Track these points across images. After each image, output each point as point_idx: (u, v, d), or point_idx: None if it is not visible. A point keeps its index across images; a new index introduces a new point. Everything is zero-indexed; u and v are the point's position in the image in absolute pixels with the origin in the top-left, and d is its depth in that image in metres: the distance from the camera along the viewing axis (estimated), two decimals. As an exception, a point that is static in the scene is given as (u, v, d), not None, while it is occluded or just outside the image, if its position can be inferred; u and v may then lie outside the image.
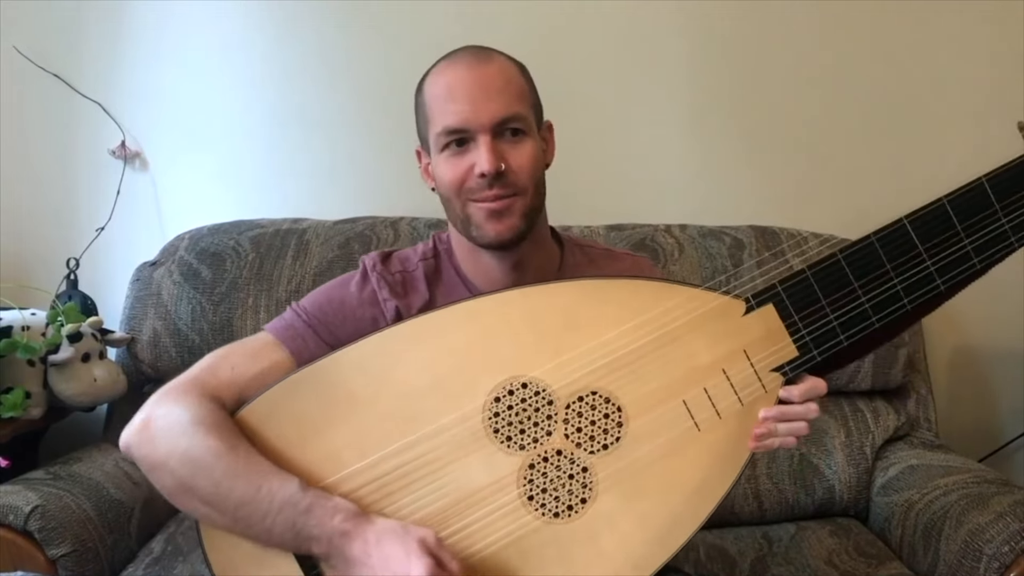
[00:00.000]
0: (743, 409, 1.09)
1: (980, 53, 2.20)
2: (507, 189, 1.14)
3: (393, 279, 1.23)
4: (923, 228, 1.09)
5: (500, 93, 1.14)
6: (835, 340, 1.09)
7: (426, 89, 1.19)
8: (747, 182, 2.22)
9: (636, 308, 1.09)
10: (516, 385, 1.08)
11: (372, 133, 2.19)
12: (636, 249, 1.95)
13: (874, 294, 1.09)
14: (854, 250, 1.09)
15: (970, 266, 1.09)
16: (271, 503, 1.01)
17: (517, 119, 1.15)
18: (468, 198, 1.15)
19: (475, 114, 1.13)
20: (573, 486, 1.07)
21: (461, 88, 1.14)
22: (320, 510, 1.01)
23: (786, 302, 1.09)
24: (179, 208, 2.18)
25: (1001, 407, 2.24)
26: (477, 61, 1.16)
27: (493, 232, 1.15)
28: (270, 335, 1.19)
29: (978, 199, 1.09)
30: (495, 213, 1.14)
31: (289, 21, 2.16)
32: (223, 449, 1.03)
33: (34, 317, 1.83)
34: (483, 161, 1.12)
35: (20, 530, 1.47)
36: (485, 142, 1.12)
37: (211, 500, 1.03)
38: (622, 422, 1.08)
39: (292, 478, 1.03)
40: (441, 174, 1.17)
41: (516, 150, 1.15)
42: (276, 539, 1.03)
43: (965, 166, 2.23)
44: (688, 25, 2.19)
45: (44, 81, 2.13)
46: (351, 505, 1.02)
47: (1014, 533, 1.45)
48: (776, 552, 1.70)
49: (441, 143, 1.15)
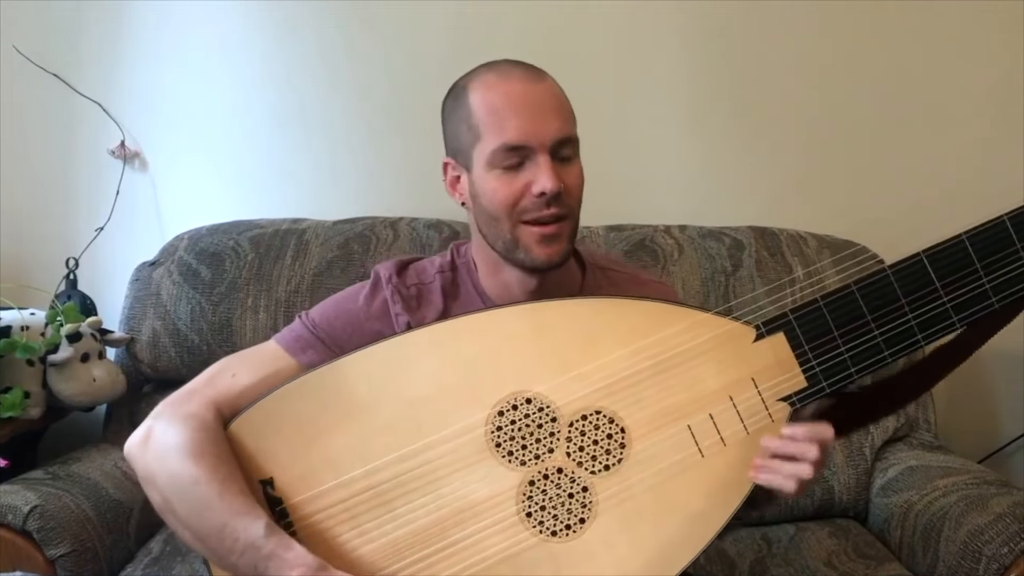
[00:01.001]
0: (748, 437, 1.07)
1: (981, 52, 2.19)
2: (562, 209, 1.11)
3: (408, 292, 1.21)
4: (941, 263, 1.06)
5: (557, 112, 1.12)
6: (845, 372, 1.07)
7: (474, 101, 1.13)
8: (747, 183, 2.22)
9: (645, 329, 1.08)
10: (520, 400, 1.07)
11: (372, 133, 2.19)
12: (635, 250, 1.95)
13: (887, 328, 1.07)
14: (869, 282, 1.07)
15: (987, 304, 1.06)
16: (235, 542, 1.00)
17: (572, 141, 1.13)
18: (521, 219, 1.12)
19: (536, 131, 1.09)
20: (572, 505, 1.06)
21: (521, 103, 1.10)
22: (279, 561, 0.99)
23: (797, 331, 1.07)
24: (178, 208, 2.18)
25: (1000, 408, 2.24)
26: (532, 78, 1.13)
27: (544, 256, 1.12)
28: (277, 345, 1.19)
29: (999, 237, 1.06)
30: (547, 237, 1.12)
31: (289, 22, 2.16)
32: (202, 478, 1.03)
33: (33, 317, 1.83)
34: (545, 180, 1.09)
35: (19, 530, 1.47)
36: (546, 161, 1.09)
37: (187, 525, 1.04)
38: (625, 443, 1.07)
39: (259, 519, 1.01)
40: (489, 191, 1.12)
41: (568, 171, 1.13)
42: (240, 574, 1.02)
43: (965, 166, 2.26)
44: (688, 25, 2.18)
45: (44, 81, 2.12)
46: (311, 558, 0.99)
47: (1013, 534, 1.45)
48: (775, 553, 1.70)
49: (497, 160, 1.10)
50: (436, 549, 1.05)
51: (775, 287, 1.87)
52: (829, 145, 2.22)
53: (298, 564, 0.98)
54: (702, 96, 2.21)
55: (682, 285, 1.91)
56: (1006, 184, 2.14)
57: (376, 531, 1.05)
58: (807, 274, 1.91)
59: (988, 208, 1.12)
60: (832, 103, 2.21)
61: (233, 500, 1.02)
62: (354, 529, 1.06)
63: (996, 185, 2.16)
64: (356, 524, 1.06)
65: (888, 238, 2.03)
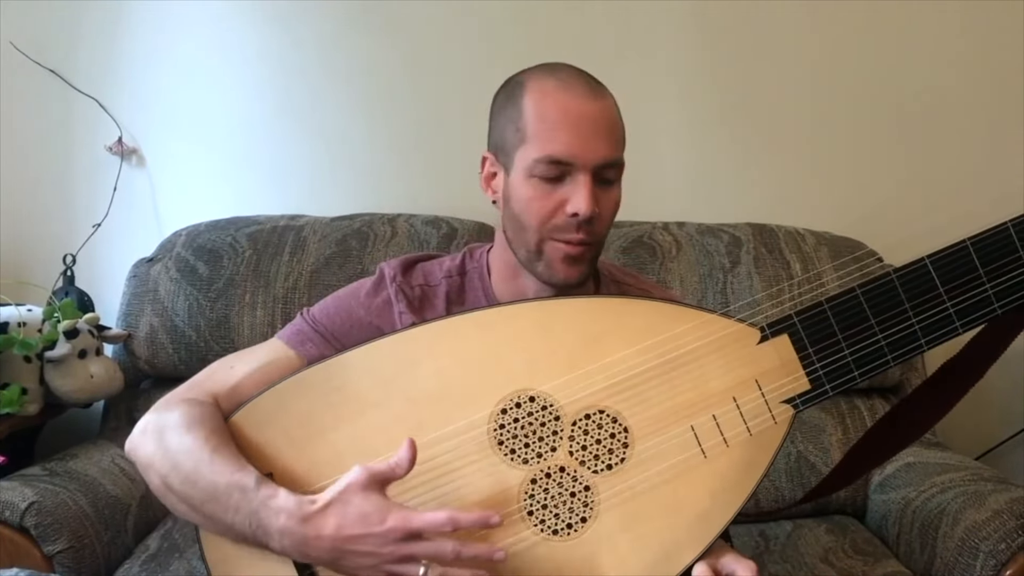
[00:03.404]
0: (751, 439, 1.07)
1: (980, 50, 2.20)
2: (592, 236, 1.10)
3: (412, 292, 1.20)
4: (944, 268, 1.06)
5: (609, 134, 1.10)
6: (849, 376, 1.07)
7: (527, 104, 1.10)
8: (745, 179, 2.22)
9: (650, 329, 1.08)
10: (524, 398, 1.07)
11: (370, 129, 2.19)
12: (633, 246, 1.96)
13: (891, 332, 1.07)
14: (873, 286, 1.07)
15: (990, 311, 1.07)
16: (229, 500, 0.99)
17: (617, 165, 1.11)
18: (550, 236, 1.11)
19: (583, 150, 1.07)
20: (574, 504, 1.06)
21: (576, 119, 1.08)
22: (267, 510, 0.98)
23: (801, 334, 1.07)
24: (176, 204, 2.18)
25: (998, 405, 2.24)
26: (591, 95, 1.10)
27: (563, 275, 1.12)
28: (278, 339, 1.19)
29: (1003, 243, 1.06)
30: (572, 257, 1.11)
31: (287, 19, 2.16)
32: (194, 445, 1.02)
33: (30, 313, 1.83)
34: (581, 203, 1.07)
35: (16, 526, 1.47)
36: (586, 183, 1.08)
37: (184, 497, 1.03)
38: (628, 443, 1.07)
39: (249, 474, 1.00)
40: (524, 199, 1.10)
41: (606, 196, 1.11)
42: (240, 537, 1.01)
43: (963, 162, 2.26)
44: (685, 22, 2.18)
45: (41, 77, 2.12)
46: (293, 503, 0.98)
47: (1011, 531, 1.45)
48: (773, 550, 1.70)
49: (538, 170, 1.09)
50: None
51: (775, 291, 1.87)
52: (827, 142, 2.22)
53: (282, 510, 0.97)
54: (700, 92, 2.21)
55: (680, 282, 1.91)
56: (1005, 180, 2.15)
57: (377, 526, 1.05)
58: (804, 271, 1.91)
59: (987, 204, 1.13)
60: (830, 99, 2.21)
61: (224, 461, 1.01)
62: (355, 524, 1.05)
63: (994, 180, 2.17)
64: (357, 519, 1.05)
65: (886, 235, 2.04)
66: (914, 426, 1.25)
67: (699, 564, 1.04)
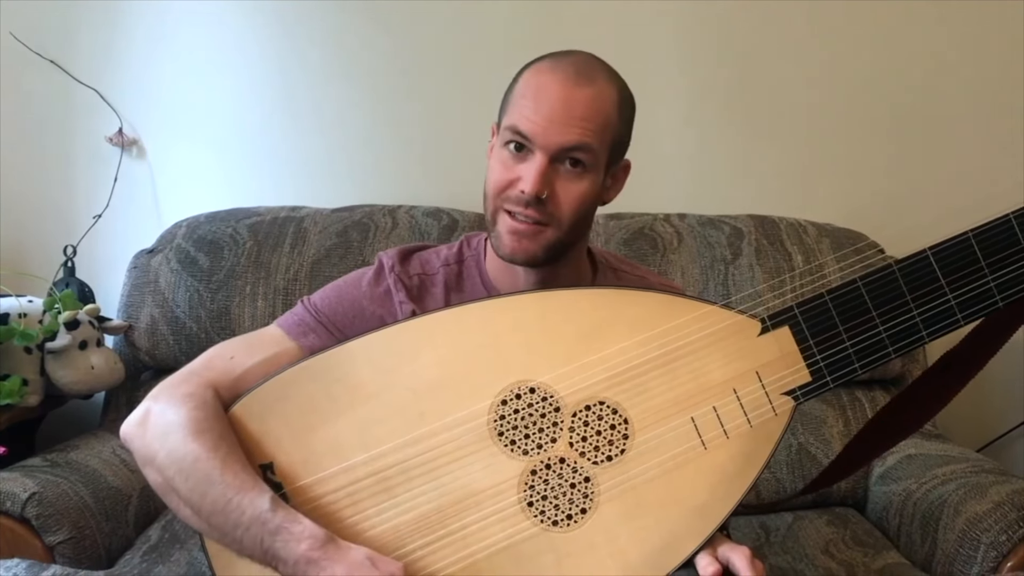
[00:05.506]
0: (751, 431, 1.07)
1: (981, 46, 2.19)
2: (542, 216, 1.10)
3: (411, 281, 1.20)
4: (946, 260, 1.06)
5: (581, 120, 1.09)
6: (849, 367, 1.07)
7: (521, 78, 1.14)
8: (746, 171, 2.22)
9: (651, 321, 1.08)
10: (524, 389, 1.07)
11: (371, 121, 2.18)
12: (634, 238, 1.96)
13: (892, 324, 1.07)
14: (874, 278, 1.07)
15: (992, 303, 1.06)
16: (240, 517, 0.99)
17: (582, 150, 1.10)
18: (502, 206, 1.12)
19: (544, 131, 1.08)
20: (574, 495, 1.06)
21: (546, 99, 1.09)
22: (287, 534, 0.98)
23: (802, 325, 1.07)
24: (176, 196, 2.18)
25: (999, 396, 2.24)
26: (575, 81, 1.10)
27: (508, 248, 1.12)
28: (278, 328, 1.19)
29: (1005, 235, 1.06)
30: (518, 233, 1.11)
31: (287, 11, 2.15)
32: (203, 454, 1.02)
33: (31, 304, 1.83)
34: (528, 181, 1.08)
35: (17, 517, 1.47)
36: (539, 163, 1.09)
37: (189, 503, 1.03)
38: (628, 434, 1.07)
39: (264, 493, 1.00)
40: (491, 167, 1.13)
41: (568, 182, 1.11)
42: (247, 552, 1.01)
43: (966, 154, 2.25)
44: (686, 11, 2.18)
45: (41, 67, 2.12)
46: (320, 531, 0.99)
47: (1012, 522, 1.45)
48: (773, 542, 1.70)
49: (505, 137, 1.12)
50: (437, 536, 1.05)
51: (776, 282, 1.87)
52: (829, 134, 2.22)
53: (306, 537, 0.98)
54: (702, 84, 2.20)
55: (681, 274, 1.91)
56: (1007, 171, 2.14)
57: (377, 517, 1.05)
58: (805, 263, 1.91)
59: (986, 195, 1.13)
60: (832, 91, 2.20)
61: (236, 475, 1.01)
62: (356, 515, 1.05)
63: (997, 172, 2.16)
64: (358, 510, 1.05)
65: (888, 226, 2.03)
66: (914, 417, 1.25)
67: (701, 554, 1.04)
